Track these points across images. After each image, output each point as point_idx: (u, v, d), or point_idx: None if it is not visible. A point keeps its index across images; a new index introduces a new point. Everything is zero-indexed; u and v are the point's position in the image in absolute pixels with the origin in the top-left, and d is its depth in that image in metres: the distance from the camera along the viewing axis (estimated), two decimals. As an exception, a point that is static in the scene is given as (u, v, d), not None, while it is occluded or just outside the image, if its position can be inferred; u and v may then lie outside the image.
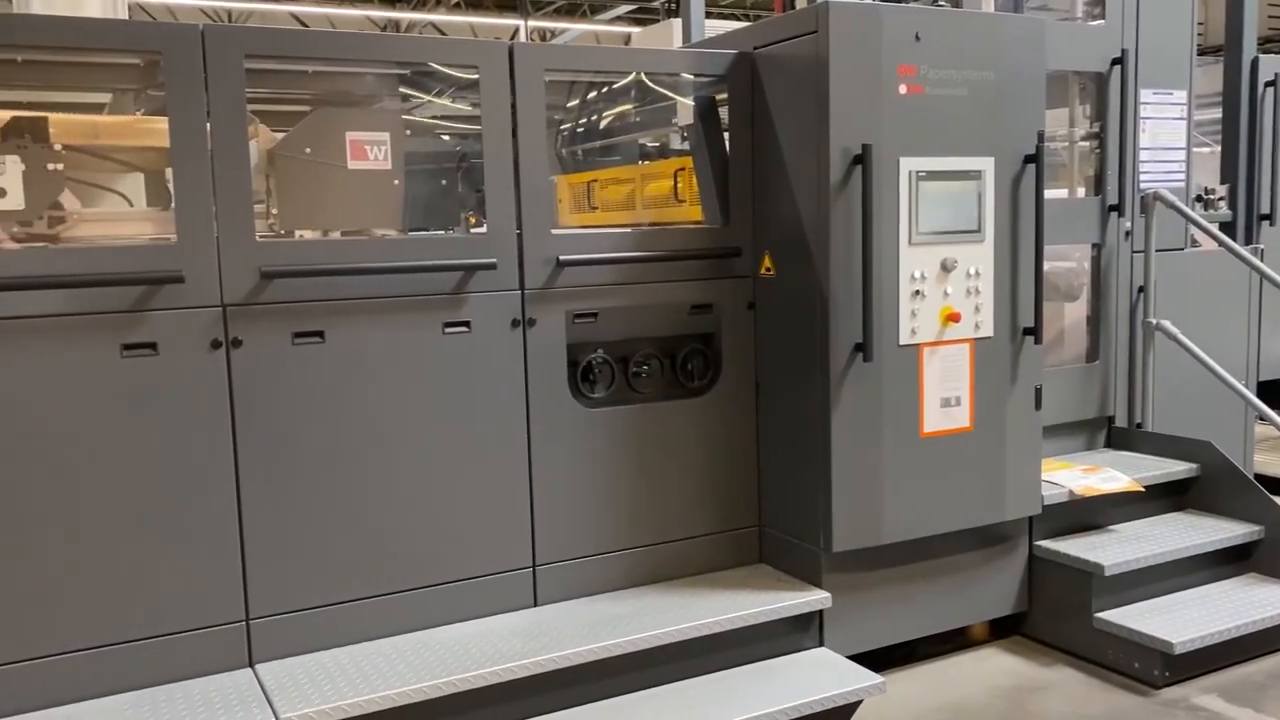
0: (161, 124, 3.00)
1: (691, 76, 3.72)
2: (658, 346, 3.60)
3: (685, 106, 4.08)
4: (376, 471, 3.15)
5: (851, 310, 3.37)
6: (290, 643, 3.06)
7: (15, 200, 2.75)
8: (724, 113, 3.77)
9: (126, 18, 4.02)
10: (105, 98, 3.59)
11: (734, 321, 3.66)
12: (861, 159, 3.30)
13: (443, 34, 16.57)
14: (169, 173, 3.20)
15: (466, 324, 3.23)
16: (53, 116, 2.94)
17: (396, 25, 17.41)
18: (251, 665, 3.01)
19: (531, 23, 16.88)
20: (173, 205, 3.01)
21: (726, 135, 3.69)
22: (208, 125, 2.85)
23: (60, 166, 2.81)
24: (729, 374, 3.67)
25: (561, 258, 3.32)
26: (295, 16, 16.11)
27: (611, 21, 17.46)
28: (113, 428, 2.81)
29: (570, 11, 17.38)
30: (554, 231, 3.36)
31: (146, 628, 2.89)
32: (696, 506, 3.65)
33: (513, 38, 16.77)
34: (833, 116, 3.28)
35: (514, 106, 3.22)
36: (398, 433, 3.17)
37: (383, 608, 3.18)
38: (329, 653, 3.08)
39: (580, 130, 4.84)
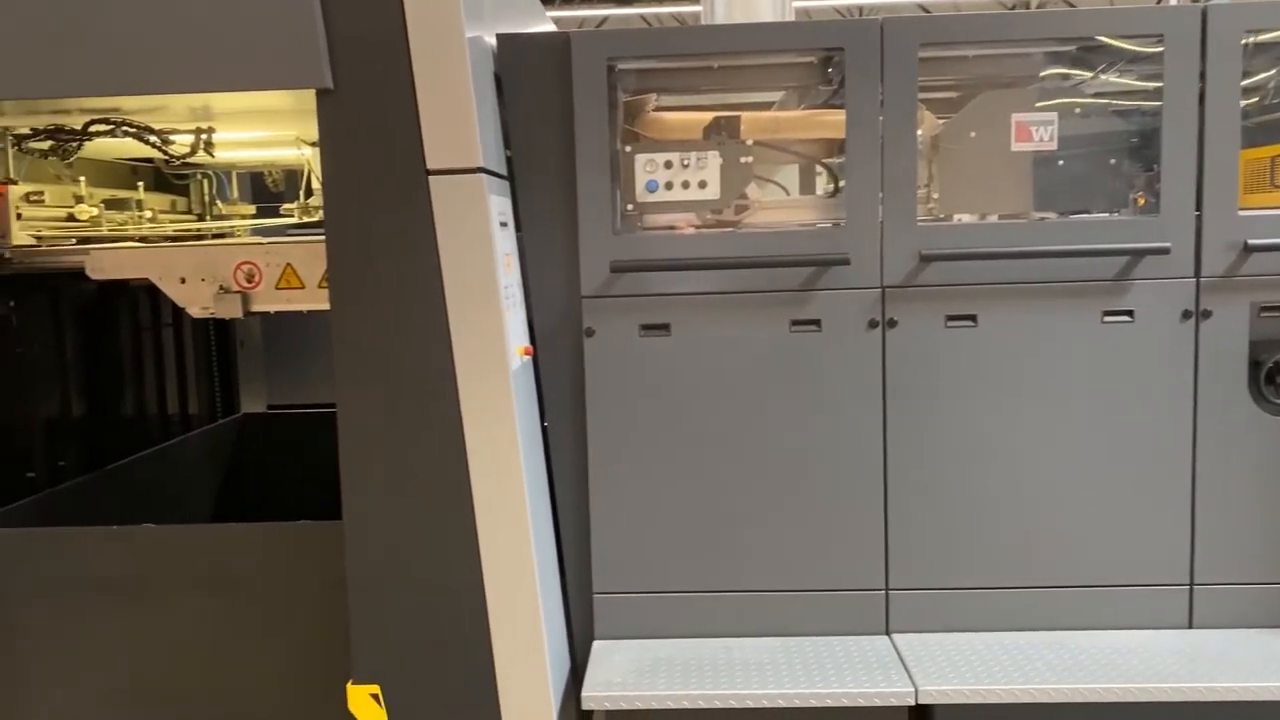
0: (833, 116, 3.22)
1: None
2: (1369, 349, 3.04)
3: None
4: (1020, 462, 3.09)
5: None
6: (925, 619, 3.13)
7: (713, 191, 3.14)
8: None
9: (793, 20, 4.31)
10: (774, 96, 3.93)
11: None
12: None
13: (1071, 5, 15.63)
14: (820, 163, 3.43)
15: (1129, 313, 3.02)
16: (744, 115, 3.29)
17: (1026, 3, 16.79)
18: (888, 633, 3.14)
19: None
20: (839, 192, 3.23)
21: None
22: (880, 115, 3.00)
23: (750, 160, 3.14)
24: None
25: (1250, 242, 2.94)
26: (921, 6, 16.31)
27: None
28: (781, 396, 3.10)
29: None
30: (1240, 213, 2.99)
31: (798, 581, 3.15)
32: None
33: (1158, 1, 15.22)
34: None
35: (1203, 74, 2.92)
36: (1046, 424, 3.07)
37: (1019, 600, 3.12)
38: (963, 635, 3.10)
39: (1263, 100, 4.24)
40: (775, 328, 3.09)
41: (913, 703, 2.79)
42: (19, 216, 3.43)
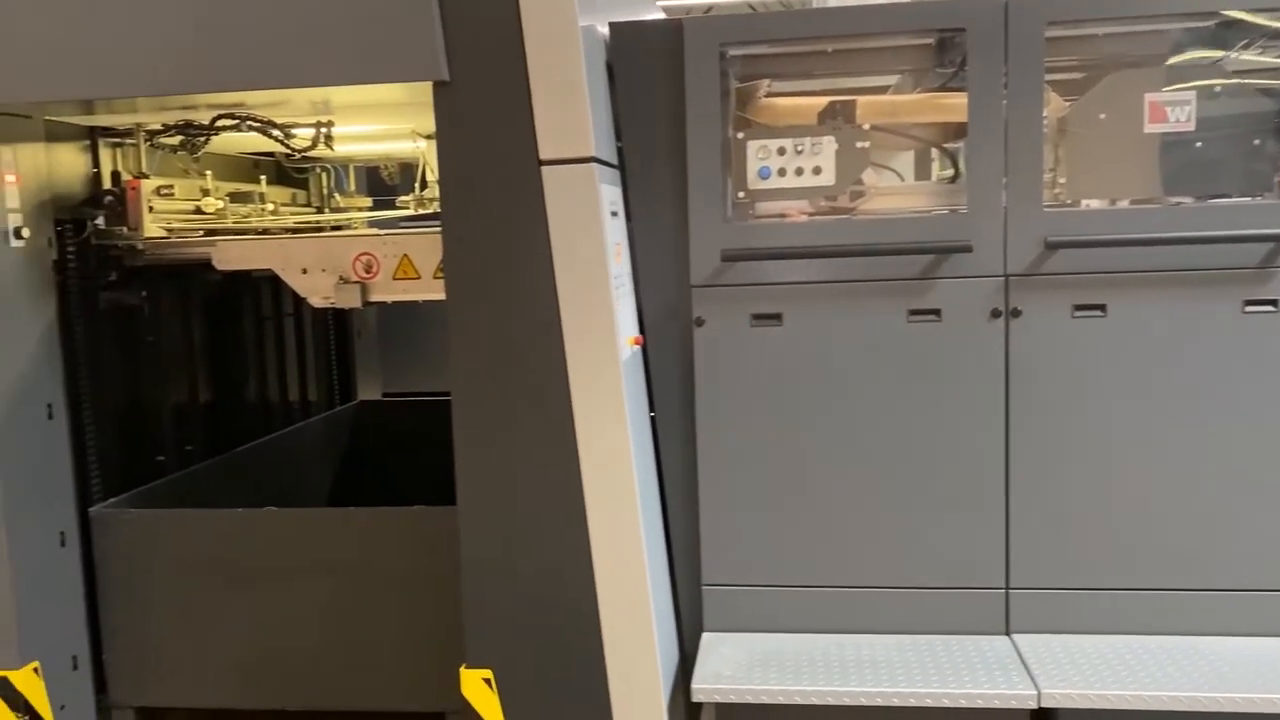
0: (953, 99, 3.11)
1: None
2: None
3: None
4: (1152, 458, 2.95)
5: None
6: (1047, 619, 3.03)
7: (828, 176, 3.07)
8: None
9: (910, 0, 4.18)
10: (889, 80, 3.83)
11: None
12: None
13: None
14: (940, 147, 3.33)
15: (1273, 303, 2.86)
16: (860, 99, 3.21)
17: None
18: (1008, 633, 3.03)
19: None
20: (959, 177, 3.12)
21: None
22: (1004, 98, 2.89)
23: (867, 145, 3.06)
24: None
25: None
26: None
27: None
28: (898, 388, 3.02)
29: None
30: (1398, 195, 2.80)
31: (914, 578, 3.07)
32: None
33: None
34: None
35: (1360, 48, 2.74)
36: (1180, 419, 2.93)
37: (1148, 603, 2.99)
38: (1088, 637, 2.98)
39: None
40: (892, 317, 3.01)
41: (1035, 706, 2.70)
42: (150, 209, 3.57)
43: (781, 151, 3.07)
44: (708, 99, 3.01)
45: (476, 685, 2.91)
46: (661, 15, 4.09)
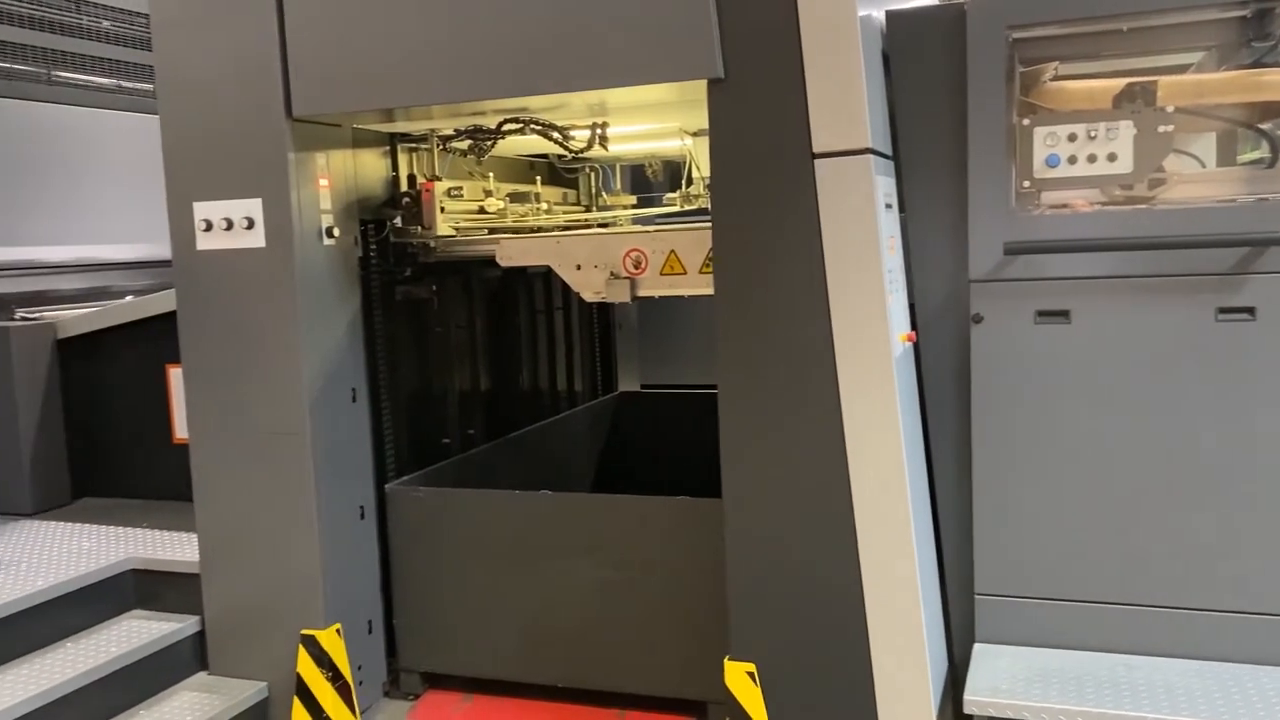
0: (1272, 76, 2.82)
1: None
2: None
3: None
4: None
5: None
6: (1381, 657, 2.69)
7: (1124, 164, 2.86)
8: None
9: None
10: (1190, 58, 3.51)
11: None
12: None
13: None
14: (1257, 129, 3.01)
15: None
16: (1163, 79, 2.96)
17: None
18: (1335, 669, 2.73)
19: None
20: (1277, 161, 2.82)
21: None
22: (1340, 69, 2.59)
23: (1171, 129, 2.82)
24: None
25: None
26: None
27: None
28: (1202, 392, 2.78)
29: None
30: None
31: (1217, 600, 2.81)
32: None
33: None
34: None
35: None
36: None
37: None
38: None
39: None
40: (1197, 315, 2.77)
41: (1367, 754, 2.41)
42: (442, 210, 3.82)
43: (1072, 138, 2.89)
44: (991, 84, 2.87)
45: (740, 678, 2.92)
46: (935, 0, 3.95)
